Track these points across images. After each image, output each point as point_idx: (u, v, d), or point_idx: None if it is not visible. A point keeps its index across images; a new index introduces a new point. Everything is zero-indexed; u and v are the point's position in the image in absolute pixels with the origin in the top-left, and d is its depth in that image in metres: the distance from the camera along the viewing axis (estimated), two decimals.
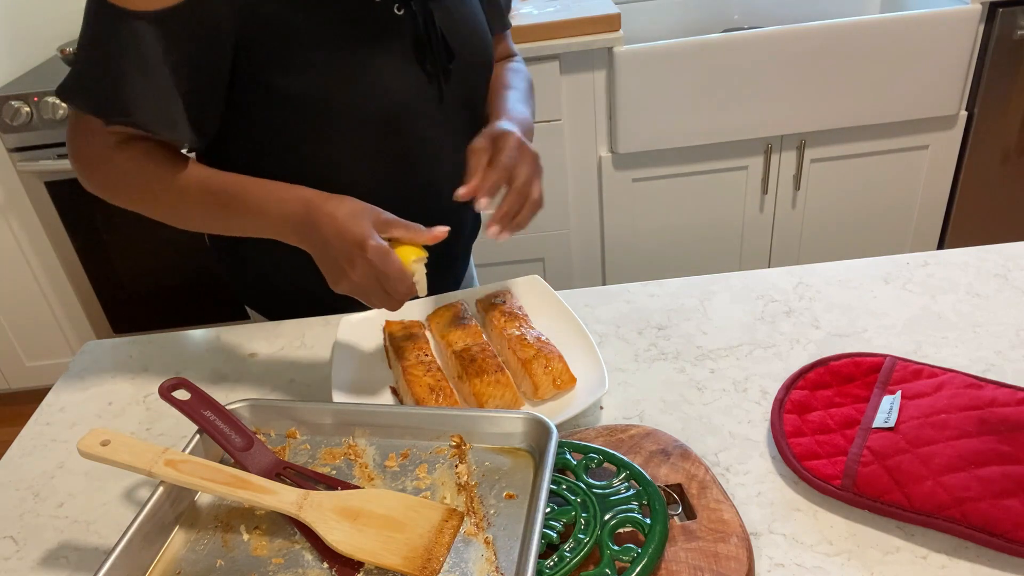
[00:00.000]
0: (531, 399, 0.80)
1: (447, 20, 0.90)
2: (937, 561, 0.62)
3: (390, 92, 0.86)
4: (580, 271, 2.19)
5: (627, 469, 0.66)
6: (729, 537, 0.62)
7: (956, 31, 1.85)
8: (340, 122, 0.86)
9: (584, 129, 1.98)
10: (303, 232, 0.78)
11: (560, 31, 1.84)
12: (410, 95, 0.88)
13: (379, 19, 0.85)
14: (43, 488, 0.80)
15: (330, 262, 0.76)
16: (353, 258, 0.74)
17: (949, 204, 2.13)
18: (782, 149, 2.01)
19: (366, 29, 0.84)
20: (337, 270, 0.76)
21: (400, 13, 0.86)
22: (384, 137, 0.89)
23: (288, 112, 0.85)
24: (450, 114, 0.93)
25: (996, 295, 0.90)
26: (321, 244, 0.76)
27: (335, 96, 0.84)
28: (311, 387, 0.89)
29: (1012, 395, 0.70)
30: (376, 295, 0.76)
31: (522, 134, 0.87)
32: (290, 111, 0.84)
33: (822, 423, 0.73)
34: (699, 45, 1.85)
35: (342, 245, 0.74)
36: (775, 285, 0.97)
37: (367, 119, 0.87)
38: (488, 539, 0.61)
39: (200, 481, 0.64)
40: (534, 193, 0.84)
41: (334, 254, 0.75)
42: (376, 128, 0.88)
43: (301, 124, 0.86)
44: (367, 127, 0.88)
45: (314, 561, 0.62)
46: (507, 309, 0.89)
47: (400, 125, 0.89)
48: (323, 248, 0.76)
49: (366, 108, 0.86)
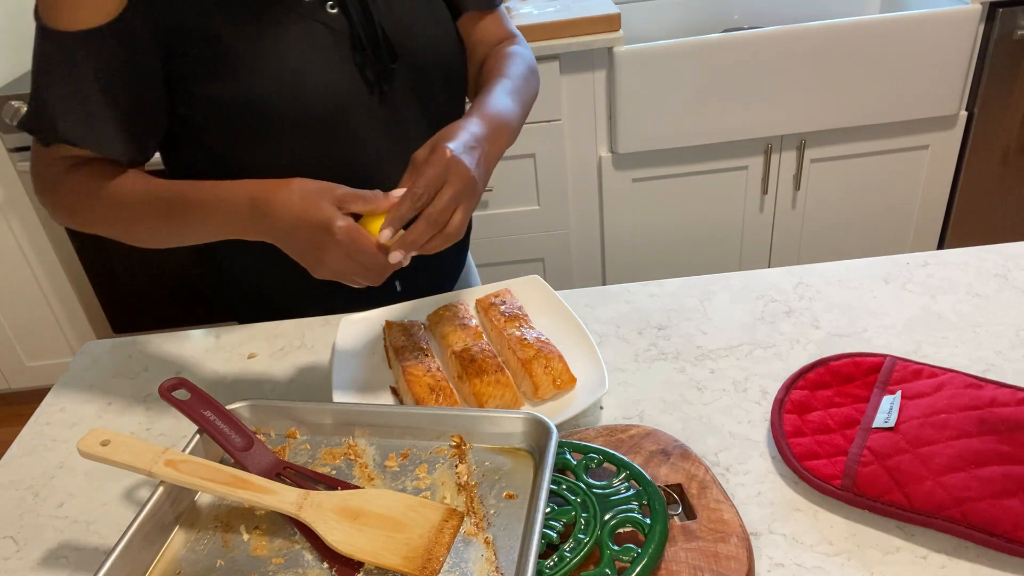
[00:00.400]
0: (531, 399, 0.80)
1: (389, 17, 0.87)
2: (937, 561, 0.62)
3: (325, 95, 0.84)
4: (580, 271, 2.19)
5: (627, 469, 0.66)
6: (729, 537, 0.62)
7: (956, 31, 1.85)
8: (278, 126, 0.85)
9: (584, 129, 1.98)
10: (260, 227, 0.75)
11: (560, 31, 1.83)
12: (348, 97, 0.86)
13: (311, 20, 0.83)
14: (43, 488, 0.80)
15: (300, 251, 0.73)
16: (322, 244, 0.71)
17: (949, 204, 2.13)
18: (782, 149, 2.01)
19: (295, 31, 0.82)
20: (311, 257, 0.73)
21: (334, 12, 0.84)
22: (324, 141, 0.87)
23: (227, 119, 0.84)
24: (397, 114, 0.90)
25: (996, 295, 0.90)
26: (284, 236, 0.73)
27: (268, 101, 0.82)
28: (311, 387, 0.89)
29: (1012, 395, 0.70)
30: (357, 274, 0.73)
31: (487, 134, 0.78)
32: (229, 118, 0.84)
33: (822, 423, 0.73)
34: (699, 45, 1.85)
35: (307, 234, 0.71)
36: (775, 285, 0.97)
37: (302, 123, 0.85)
38: (488, 539, 0.61)
39: (200, 481, 0.64)
40: (452, 224, 0.71)
41: (302, 245, 0.72)
42: (314, 132, 0.86)
43: (242, 130, 0.85)
44: (304, 131, 0.85)
45: (314, 561, 0.62)
46: (507, 309, 0.89)
47: (339, 127, 0.87)
48: (288, 239, 0.73)
49: (301, 112, 0.84)
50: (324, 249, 0.71)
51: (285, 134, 0.85)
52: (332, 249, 0.70)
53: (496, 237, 2.11)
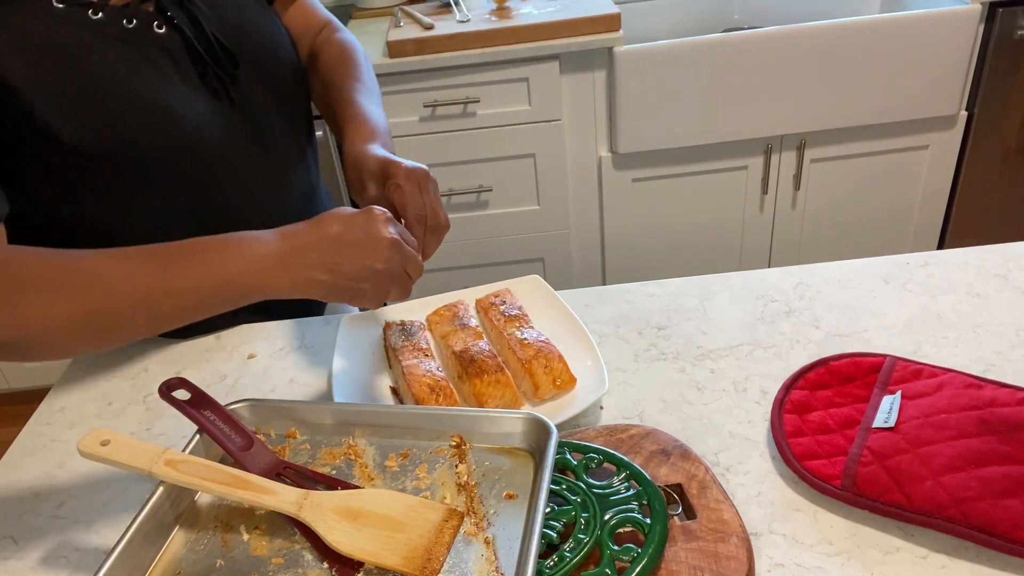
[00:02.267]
0: (531, 399, 0.80)
1: (218, 23, 0.83)
2: (937, 561, 0.62)
3: (185, 122, 0.80)
4: (580, 271, 2.19)
5: (627, 469, 0.66)
6: (729, 537, 0.62)
7: (956, 31, 1.85)
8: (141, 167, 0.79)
9: (584, 129, 1.98)
10: (294, 259, 0.66)
11: (560, 31, 1.83)
12: (205, 117, 0.82)
13: (143, 47, 0.78)
14: (43, 488, 0.80)
15: (348, 256, 0.67)
16: (376, 237, 0.67)
17: (949, 204, 2.13)
18: (782, 149, 2.01)
19: (132, 63, 0.77)
20: (357, 271, 0.67)
21: (163, 32, 0.79)
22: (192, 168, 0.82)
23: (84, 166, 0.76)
24: (254, 117, 0.87)
25: (996, 295, 0.90)
26: (333, 245, 0.66)
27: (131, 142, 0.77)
28: (311, 387, 0.89)
29: (1012, 395, 0.70)
30: (401, 275, 0.70)
31: (388, 145, 0.80)
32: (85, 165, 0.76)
33: (822, 423, 0.73)
34: (699, 45, 1.85)
35: (362, 230, 0.67)
36: (775, 285, 0.97)
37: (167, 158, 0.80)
38: (488, 539, 0.61)
39: (200, 481, 0.64)
40: (442, 218, 0.76)
41: (351, 248, 0.66)
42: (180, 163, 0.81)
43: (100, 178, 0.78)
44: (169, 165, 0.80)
45: (314, 561, 0.62)
46: (507, 309, 0.89)
47: (204, 150, 0.82)
48: (336, 246, 0.66)
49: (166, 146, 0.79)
50: (378, 243, 0.67)
51: (149, 176, 0.79)
52: (384, 236, 0.67)
53: (496, 237, 2.11)
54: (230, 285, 0.66)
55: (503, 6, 1.95)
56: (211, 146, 0.83)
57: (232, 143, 0.85)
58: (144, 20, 0.78)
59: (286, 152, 0.92)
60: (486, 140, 1.96)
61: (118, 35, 0.76)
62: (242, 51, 0.84)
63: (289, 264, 0.67)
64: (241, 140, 0.86)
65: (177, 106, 0.79)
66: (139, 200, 0.82)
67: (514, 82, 1.89)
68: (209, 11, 0.83)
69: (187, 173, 0.83)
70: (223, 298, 0.67)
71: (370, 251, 0.67)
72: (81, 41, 0.74)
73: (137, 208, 0.82)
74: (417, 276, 0.72)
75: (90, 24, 0.75)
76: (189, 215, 0.85)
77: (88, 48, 0.74)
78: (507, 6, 1.95)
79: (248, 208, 0.89)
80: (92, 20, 0.75)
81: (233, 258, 0.66)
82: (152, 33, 0.79)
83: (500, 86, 1.89)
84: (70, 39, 0.74)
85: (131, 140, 0.77)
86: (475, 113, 1.92)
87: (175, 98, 0.79)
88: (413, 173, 0.75)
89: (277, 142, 0.90)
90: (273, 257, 0.67)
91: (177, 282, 0.65)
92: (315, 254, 0.67)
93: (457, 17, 1.93)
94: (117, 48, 0.76)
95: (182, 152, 0.81)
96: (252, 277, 0.66)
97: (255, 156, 0.88)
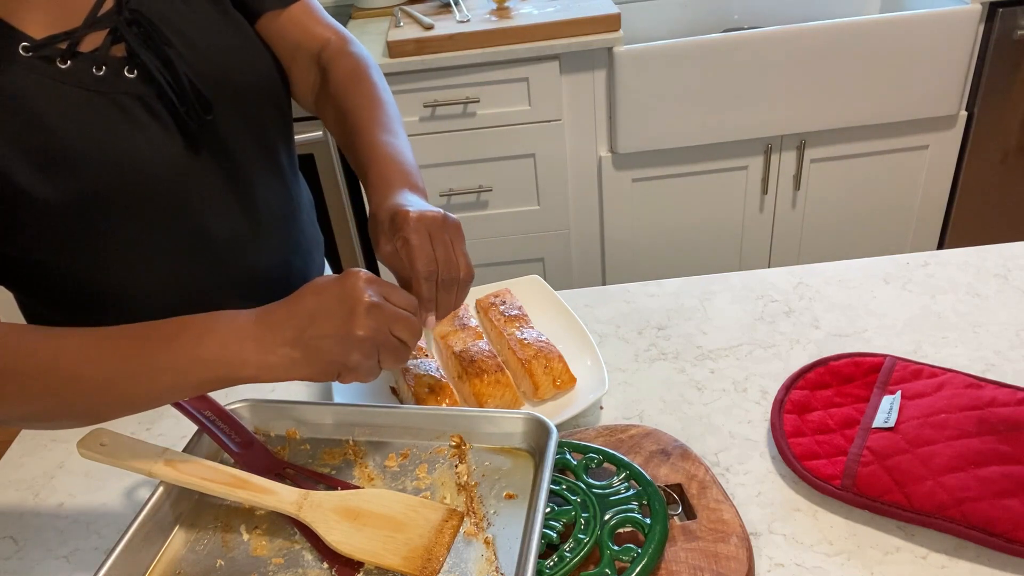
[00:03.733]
0: (531, 399, 0.80)
1: (193, 58, 0.78)
2: (937, 561, 0.62)
3: (159, 170, 0.77)
4: (580, 271, 2.19)
5: (627, 469, 0.66)
6: (729, 537, 0.62)
7: (956, 31, 1.85)
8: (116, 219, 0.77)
9: (584, 129, 1.98)
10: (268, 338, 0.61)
11: (560, 31, 1.83)
12: (181, 164, 0.79)
13: (115, 95, 0.75)
14: (43, 488, 0.80)
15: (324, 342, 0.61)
16: (355, 303, 0.61)
17: (949, 204, 2.13)
18: (782, 149, 2.01)
19: (90, 111, 0.74)
20: (335, 343, 0.60)
21: (133, 76, 0.75)
22: (169, 215, 0.80)
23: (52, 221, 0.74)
24: (230, 157, 0.83)
25: (996, 295, 0.90)
26: (307, 314, 0.61)
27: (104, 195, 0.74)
28: (311, 387, 0.89)
29: (1012, 395, 0.70)
30: (388, 344, 0.62)
31: (416, 186, 0.73)
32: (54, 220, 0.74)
33: (822, 423, 0.73)
34: (699, 45, 1.85)
35: (337, 299, 0.61)
36: (775, 285, 0.97)
37: (142, 207, 0.77)
38: (488, 539, 0.61)
39: (200, 481, 0.64)
40: (463, 268, 0.69)
41: (330, 318, 0.61)
42: (157, 210, 0.79)
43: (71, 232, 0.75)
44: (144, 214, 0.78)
45: (314, 561, 0.62)
46: (507, 309, 0.89)
47: (181, 195, 0.80)
48: (308, 325, 0.61)
49: (140, 196, 0.77)
50: (353, 308, 0.61)
51: (122, 224, 0.77)
52: (364, 304, 0.61)
53: (496, 237, 2.11)
54: (206, 365, 0.61)
55: (503, 6, 1.95)
56: (186, 187, 0.80)
57: (207, 182, 0.82)
58: (114, 67, 0.75)
59: (264, 181, 0.88)
60: (486, 140, 1.96)
61: (87, 84, 0.73)
62: (219, 91, 0.80)
63: (264, 344, 0.61)
64: (216, 178, 0.83)
65: (148, 154, 0.76)
66: (111, 247, 0.79)
67: (514, 82, 1.89)
68: (185, 49, 0.78)
69: (162, 216, 0.80)
70: (201, 379, 0.61)
71: (345, 319, 0.61)
72: (46, 93, 0.71)
73: (111, 254, 0.79)
74: (413, 338, 0.64)
75: (57, 74, 0.72)
76: (164, 253, 0.82)
77: (53, 100, 0.72)
78: (507, 6, 1.95)
79: (225, 237, 0.86)
80: (60, 70, 0.72)
81: (208, 337, 0.61)
82: (123, 79, 0.75)
83: (500, 86, 1.89)
84: (34, 91, 0.71)
85: (101, 192, 0.74)
86: (475, 113, 1.92)
87: (146, 145, 0.76)
88: (422, 221, 0.67)
89: (254, 174, 0.87)
90: (246, 336, 0.61)
91: (151, 361, 0.61)
92: (289, 331, 0.61)
93: (457, 17, 1.93)
94: (85, 99, 0.73)
95: (156, 199, 0.78)
96: (227, 356, 0.61)
97: (230, 191, 0.85)
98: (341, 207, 2.06)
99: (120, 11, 0.76)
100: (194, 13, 0.80)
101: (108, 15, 0.75)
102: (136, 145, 0.76)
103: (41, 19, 0.72)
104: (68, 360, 0.61)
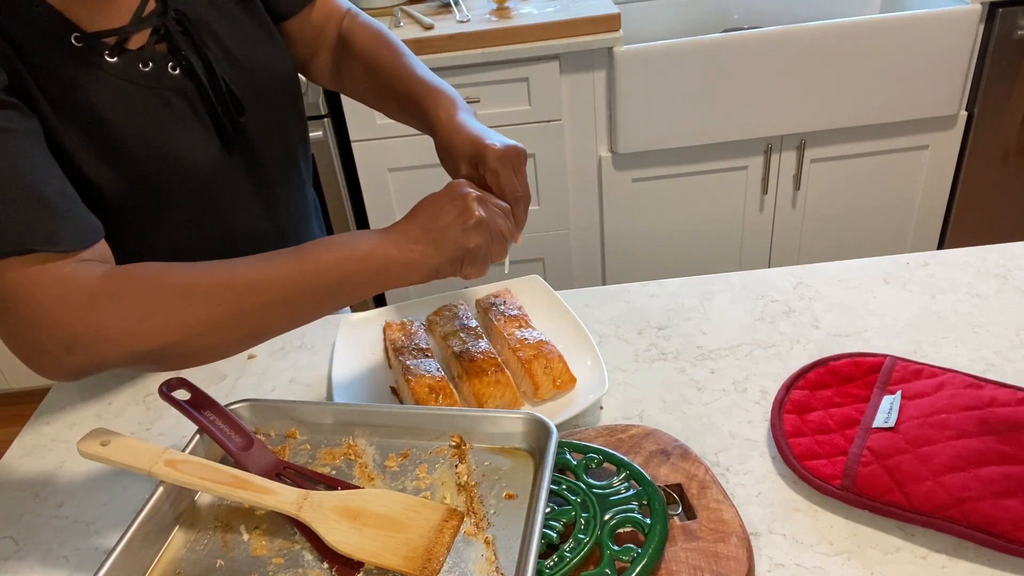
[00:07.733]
0: (531, 399, 0.80)
1: (227, 64, 0.83)
2: (937, 561, 0.62)
3: (197, 166, 0.82)
4: (580, 271, 2.19)
5: (627, 469, 0.66)
6: (729, 537, 0.62)
7: (956, 31, 1.85)
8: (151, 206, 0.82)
9: (584, 129, 1.98)
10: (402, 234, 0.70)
11: (560, 31, 1.83)
12: (214, 160, 0.84)
13: (159, 89, 0.79)
14: (43, 488, 0.80)
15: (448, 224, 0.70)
16: (463, 196, 0.70)
17: (949, 204, 2.13)
18: (782, 149, 2.01)
19: (139, 104, 0.78)
20: (460, 230, 0.69)
21: (176, 73, 0.80)
22: (199, 210, 0.85)
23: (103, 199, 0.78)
24: (255, 158, 0.89)
25: (996, 295, 0.90)
26: (431, 215, 0.70)
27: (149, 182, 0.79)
28: (311, 387, 0.89)
29: (1012, 395, 0.70)
30: (496, 238, 0.72)
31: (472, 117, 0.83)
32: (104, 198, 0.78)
33: (822, 423, 0.73)
34: (699, 45, 1.85)
35: (444, 198, 0.71)
36: (775, 285, 0.97)
37: (178, 199, 0.83)
38: (488, 539, 0.61)
39: (200, 481, 0.64)
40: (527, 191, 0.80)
41: (450, 217, 0.70)
42: (191, 202, 0.84)
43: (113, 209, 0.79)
44: (179, 205, 0.83)
45: (314, 561, 0.62)
46: (507, 309, 0.89)
47: (210, 193, 0.85)
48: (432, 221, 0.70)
49: (177, 189, 0.82)
50: (469, 202, 0.70)
51: (164, 210, 0.83)
52: (477, 199, 0.71)
53: None
54: (362, 261, 0.69)
55: (503, 6, 1.95)
56: (220, 185, 0.86)
57: (237, 181, 0.87)
58: (159, 62, 0.79)
59: (285, 183, 0.94)
60: None
61: (134, 79, 0.77)
62: (249, 93, 0.85)
63: (401, 245, 0.70)
64: (245, 178, 0.88)
65: (190, 150, 0.81)
66: (145, 241, 0.84)
67: (514, 82, 1.89)
68: (220, 52, 0.83)
69: (195, 213, 0.85)
70: (359, 274, 0.69)
71: (461, 210, 0.70)
72: (100, 85, 0.75)
73: (143, 248, 0.82)
74: (509, 232, 0.74)
75: (107, 67, 0.76)
76: (191, 251, 0.84)
77: (103, 91, 0.76)
78: (507, 6, 1.95)
79: (248, 236, 0.91)
80: (108, 63, 0.76)
81: (358, 242, 0.70)
82: (167, 76, 0.79)
83: (500, 86, 1.89)
84: (85, 81, 0.75)
85: (146, 185, 0.79)
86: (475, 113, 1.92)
87: (189, 141, 0.81)
88: (507, 156, 0.76)
89: (277, 176, 0.92)
90: (386, 242, 0.70)
91: (312, 265, 0.69)
92: (416, 231, 0.70)
93: (457, 17, 1.93)
94: (134, 92, 0.77)
95: (193, 194, 0.84)
96: (377, 253, 0.69)
97: (256, 191, 0.90)
98: (341, 207, 2.06)
99: (166, 11, 0.79)
100: (225, 15, 0.84)
101: (153, 14, 0.79)
102: (181, 141, 0.80)
103: (87, 13, 0.75)
104: (243, 271, 0.67)
